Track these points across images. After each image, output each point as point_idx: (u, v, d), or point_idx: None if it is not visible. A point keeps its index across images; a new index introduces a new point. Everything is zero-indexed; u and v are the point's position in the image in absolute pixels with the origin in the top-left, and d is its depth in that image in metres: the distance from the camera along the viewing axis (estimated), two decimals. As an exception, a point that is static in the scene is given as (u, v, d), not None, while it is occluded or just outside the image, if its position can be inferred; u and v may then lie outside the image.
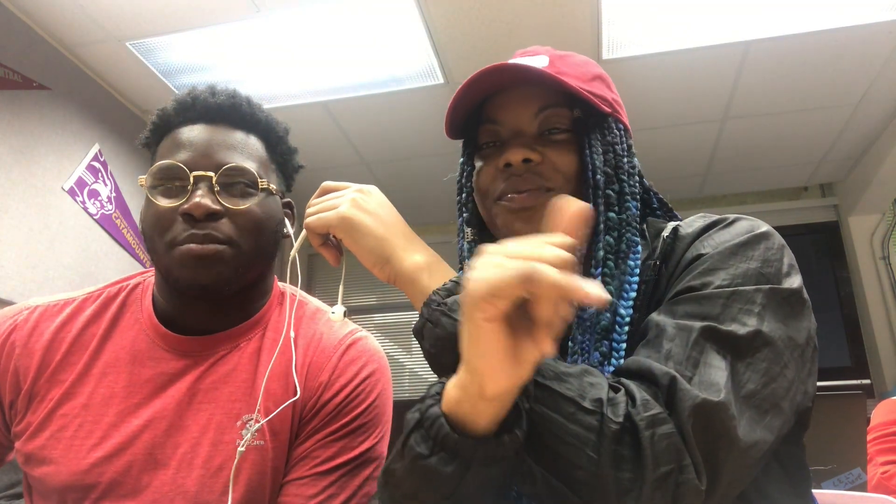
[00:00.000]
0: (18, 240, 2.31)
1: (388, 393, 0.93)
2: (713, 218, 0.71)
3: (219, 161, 0.84)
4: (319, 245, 0.73)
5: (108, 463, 0.81)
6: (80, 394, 0.85)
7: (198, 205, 0.80)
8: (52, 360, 0.86)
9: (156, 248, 0.83)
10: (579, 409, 0.53)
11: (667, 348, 0.58)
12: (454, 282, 0.63)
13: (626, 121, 0.80)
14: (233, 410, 0.85)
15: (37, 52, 2.47)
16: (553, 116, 0.75)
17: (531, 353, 0.46)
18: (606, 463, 0.51)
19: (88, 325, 0.89)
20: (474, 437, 0.52)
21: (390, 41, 2.57)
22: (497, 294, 0.43)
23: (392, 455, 0.57)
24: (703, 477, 0.51)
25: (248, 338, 0.90)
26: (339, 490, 0.83)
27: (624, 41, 2.61)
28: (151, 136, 0.90)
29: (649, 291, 0.69)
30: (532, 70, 0.73)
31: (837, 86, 2.89)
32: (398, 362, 4.20)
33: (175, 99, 0.89)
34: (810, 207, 3.91)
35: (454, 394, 0.52)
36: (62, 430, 0.83)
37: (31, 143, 2.41)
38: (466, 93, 0.76)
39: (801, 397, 0.61)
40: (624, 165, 0.74)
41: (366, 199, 0.71)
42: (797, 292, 0.63)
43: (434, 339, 0.61)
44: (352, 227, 0.69)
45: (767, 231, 0.67)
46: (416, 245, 0.69)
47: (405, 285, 0.66)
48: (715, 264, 0.64)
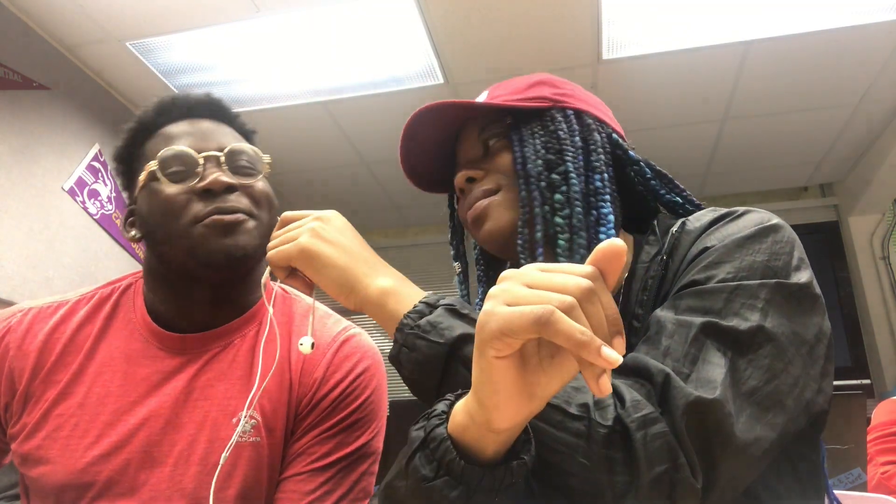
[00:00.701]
0: (18, 240, 2.31)
1: (382, 388, 0.93)
2: (722, 211, 0.70)
3: (222, 143, 0.88)
4: (285, 277, 0.72)
5: (104, 461, 0.82)
6: (75, 393, 0.85)
7: (215, 180, 0.83)
8: (46, 361, 0.87)
9: (171, 234, 0.83)
10: (566, 416, 0.53)
11: (665, 345, 0.57)
12: (424, 303, 0.63)
13: (582, 105, 0.80)
14: (229, 407, 0.85)
15: (37, 52, 2.47)
16: (488, 131, 0.80)
17: (545, 389, 0.45)
18: (599, 468, 0.51)
19: (82, 326, 0.90)
20: (481, 463, 0.51)
21: (390, 41, 2.57)
22: (509, 334, 0.42)
23: (395, 472, 0.56)
24: (699, 475, 0.51)
25: (243, 334, 0.91)
26: (335, 486, 0.84)
27: (624, 41, 2.61)
28: (131, 145, 0.91)
29: (656, 286, 0.68)
30: (445, 104, 0.77)
31: (837, 86, 2.89)
32: (398, 362, 4.20)
33: (148, 106, 0.91)
34: (810, 207, 3.91)
35: (461, 419, 0.51)
36: (58, 429, 0.83)
37: (31, 143, 2.41)
38: (411, 146, 0.83)
39: (812, 395, 0.59)
40: (568, 146, 0.75)
41: (325, 228, 0.70)
42: (806, 287, 0.61)
43: (413, 365, 0.60)
44: (312, 259, 0.67)
45: (777, 223, 0.65)
46: (380, 269, 0.68)
47: (373, 312, 0.66)
48: (720, 257, 0.62)
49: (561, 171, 0.74)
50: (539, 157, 0.74)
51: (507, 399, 0.45)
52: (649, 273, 0.70)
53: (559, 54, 2.68)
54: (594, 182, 0.74)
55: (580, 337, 0.39)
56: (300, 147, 3.34)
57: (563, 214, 0.72)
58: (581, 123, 0.78)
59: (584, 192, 0.73)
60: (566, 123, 0.77)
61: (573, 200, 0.72)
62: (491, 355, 0.43)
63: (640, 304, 0.69)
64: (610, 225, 0.71)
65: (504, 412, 0.46)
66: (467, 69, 2.76)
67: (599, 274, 0.43)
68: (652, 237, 0.74)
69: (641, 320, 0.67)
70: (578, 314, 0.40)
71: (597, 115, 0.80)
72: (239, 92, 2.87)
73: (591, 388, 0.40)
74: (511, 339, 0.42)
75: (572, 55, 2.68)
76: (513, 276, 0.45)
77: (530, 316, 0.40)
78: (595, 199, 0.73)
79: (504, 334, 0.42)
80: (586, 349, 0.39)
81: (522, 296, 0.42)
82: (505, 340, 0.42)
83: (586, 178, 0.74)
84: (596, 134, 0.77)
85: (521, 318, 0.41)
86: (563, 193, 0.73)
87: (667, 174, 0.80)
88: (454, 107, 0.79)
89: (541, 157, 0.74)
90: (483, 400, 0.47)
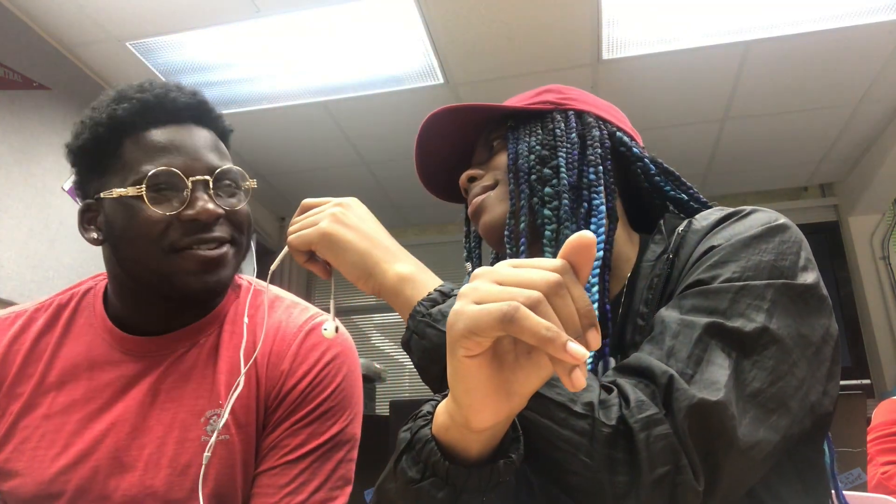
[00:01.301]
0: (18, 240, 2.31)
1: (355, 374, 0.92)
2: (729, 210, 0.69)
3: (211, 164, 0.84)
4: (304, 262, 0.73)
5: (72, 471, 0.81)
6: (39, 405, 0.85)
7: (205, 210, 0.80)
8: (7, 374, 0.86)
9: (145, 257, 0.81)
10: (570, 414, 0.52)
11: (669, 345, 0.57)
12: (439, 291, 0.63)
13: (585, 107, 0.80)
14: (196, 407, 0.84)
15: (37, 52, 2.47)
16: (493, 134, 0.82)
17: (523, 386, 0.45)
18: (600, 467, 0.51)
19: (41, 336, 0.89)
20: (467, 463, 0.50)
21: (390, 41, 2.57)
22: (477, 333, 0.41)
23: (385, 474, 0.56)
24: (701, 478, 0.51)
25: (207, 333, 0.90)
26: (311, 476, 0.83)
27: (624, 41, 2.61)
28: (104, 139, 0.84)
29: (661, 285, 0.68)
30: (450, 108, 0.80)
31: (837, 86, 2.89)
32: (398, 362, 4.20)
33: (128, 99, 0.84)
34: (810, 207, 3.91)
35: (443, 420, 0.51)
36: (24, 441, 0.83)
37: (31, 143, 2.41)
38: (425, 157, 0.86)
39: (817, 397, 0.58)
40: (563, 142, 0.75)
41: (345, 214, 0.70)
42: (812, 288, 0.61)
43: (421, 352, 0.60)
44: (332, 243, 0.68)
45: (785, 223, 0.65)
46: (399, 256, 0.68)
47: (390, 298, 0.66)
48: (726, 257, 0.62)
49: (553, 166, 0.74)
50: (533, 152, 0.76)
51: (483, 398, 0.45)
52: (654, 272, 0.69)
53: (559, 54, 2.68)
54: (588, 175, 0.74)
55: (545, 333, 0.38)
56: (300, 147, 3.34)
57: (552, 206, 0.72)
58: (581, 121, 0.79)
59: (577, 184, 0.74)
60: (564, 122, 0.78)
61: (562, 193, 0.72)
62: (461, 355, 0.43)
63: (645, 302, 0.68)
64: (601, 216, 0.71)
65: (481, 412, 0.45)
66: (467, 69, 2.76)
67: (569, 267, 0.42)
68: (658, 236, 0.73)
69: (646, 319, 0.67)
70: (545, 309, 0.40)
71: (600, 114, 0.80)
72: (239, 92, 2.86)
73: (564, 383, 0.39)
74: (479, 337, 0.41)
75: (572, 55, 2.68)
76: (483, 274, 0.44)
77: (495, 314, 0.40)
78: (588, 192, 0.73)
79: (472, 333, 0.41)
80: (552, 345, 0.38)
81: (490, 293, 0.42)
82: (473, 339, 0.41)
83: (580, 171, 0.75)
84: (595, 130, 0.77)
85: (488, 315, 0.40)
86: (552, 186, 0.73)
87: (674, 172, 0.80)
88: (460, 112, 0.80)
89: (534, 153, 0.76)
90: (458, 400, 0.46)
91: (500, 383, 0.45)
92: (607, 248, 0.72)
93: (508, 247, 0.74)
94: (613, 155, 0.78)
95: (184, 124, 0.87)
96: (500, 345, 0.44)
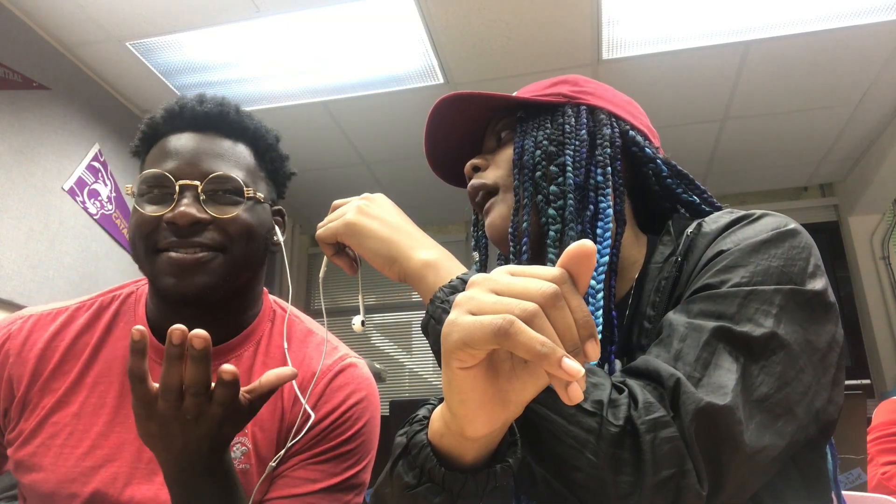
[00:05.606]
0: (18, 240, 2.31)
1: (375, 422, 0.92)
2: (738, 214, 0.68)
3: (205, 170, 0.84)
4: (332, 255, 0.75)
5: (93, 473, 0.81)
6: (72, 402, 0.85)
7: (182, 213, 0.80)
8: (45, 368, 0.86)
9: (140, 256, 0.83)
10: (579, 411, 0.52)
11: (677, 348, 0.57)
12: (460, 279, 0.62)
13: (599, 102, 0.79)
14: None
15: (37, 52, 2.47)
16: (502, 124, 0.81)
17: (519, 395, 0.44)
18: (605, 466, 0.51)
19: (81, 335, 0.89)
20: (463, 469, 0.50)
21: (390, 41, 2.57)
22: (471, 346, 0.40)
23: (381, 478, 0.56)
24: (705, 483, 0.51)
25: (238, 354, 0.89)
26: None
27: (624, 41, 2.61)
28: (141, 145, 0.90)
29: (669, 288, 0.67)
30: (461, 95, 0.79)
31: (837, 86, 2.89)
32: (398, 362, 4.20)
33: (163, 107, 0.89)
34: (810, 207, 3.92)
35: (438, 427, 0.50)
36: (52, 437, 0.83)
37: (31, 143, 2.41)
38: (434, 142, 0.85)
39: (823, 404, 0.58)
40: (572, 139, 0.74)
41: (370, 205, 0.72)
42: (820, 294, 0.60)
43: (437, 337, 0.60)
44: (356, 232, 0.70)
45: (794, 228, 0.64)
46: (424, 242, 0.68)
47: (414, 283, 0.66)
48: (735, 261, 0.61)
49: (559, 163, 0.73)
50: (539, 147, 0.74)
51: (478, 409, 0.44)
52: (662, 274, 0.69)
53: (559, 54, 2.68)
54: (596, 176, 0.73)
55: (540, 349, 0.37)
56: (300, 147, 3.34)
57: (557, 206, 0.72)
58: (592, 118, 0.77)
59: (584, 185, 0.73)
60: (575, 118, 0.77)
61: (567, 192, 0.72)
62: (455, 366, 0.42)
63: (653, 305, 0.68)
64: (607, 220, 0.70)
65: (475, 422, 0.45)
66: (467, 69, 2.76)
67: (568, 276, 0.41)
68: (667, 237, 0.73)
69: (653, 322, 0.66)
70: (542, 322, 0.39)
71: (614, 111, 0.79)
72: (239, 92, 2.87)
73: (560, 397, 0.38)
74: (473, 350, 0.40)
75: (572, 55, 2.68)
76: (480, 282, 0.43)
77: (490, 327, 0.38)
78: (595, 194, 0.72)
79: (466, 345, 0.40)
80: (547, 361, 0.37)
81: (486, 304, 0.41)
82: (467, 352, 0.41)
83: (587, 171, 0.73)
84: (606, 129, 0.76)
85: (482, 329, 0.39)
86: (558, 185, 0.72)
87: (687, 173, 0.79)
88: (470, 100, 0.79)
89: (540, 148, 0.74)
90: (453, 410, 0.46)
91: (496, 393, 0.44)
92: (614, 253, 0.71)
93: (512, 245, 0.73)
94: (624, 154, 0.77)
95: (203, 132, 0.87)
96: (496, 354, 0.44)
